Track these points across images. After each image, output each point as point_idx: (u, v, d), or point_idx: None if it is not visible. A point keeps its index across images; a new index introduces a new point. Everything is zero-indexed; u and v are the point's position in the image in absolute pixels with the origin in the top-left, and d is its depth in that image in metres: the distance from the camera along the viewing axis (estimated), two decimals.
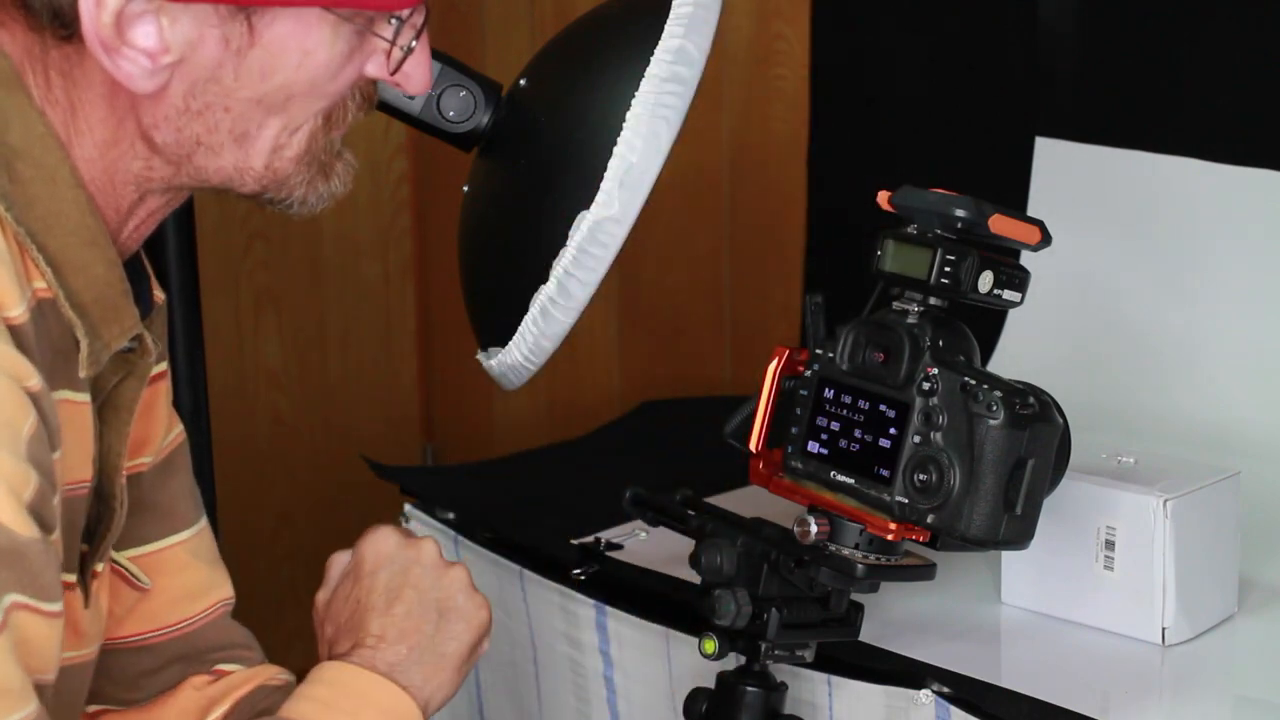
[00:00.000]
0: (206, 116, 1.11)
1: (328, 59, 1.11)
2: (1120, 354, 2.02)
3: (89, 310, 1.10)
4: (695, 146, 2.48)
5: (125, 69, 1.07)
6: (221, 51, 1.08)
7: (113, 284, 1.12)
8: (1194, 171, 1.96)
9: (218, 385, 1.92)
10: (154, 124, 1.11)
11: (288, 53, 1.10)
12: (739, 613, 1.30)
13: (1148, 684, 1.49)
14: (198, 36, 1.07)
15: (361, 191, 2.91)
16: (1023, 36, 2.11)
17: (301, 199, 1.18)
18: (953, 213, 1.26)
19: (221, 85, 1.10)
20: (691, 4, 1.32)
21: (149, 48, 1.06)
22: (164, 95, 1.09)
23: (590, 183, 1.30)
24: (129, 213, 1.15)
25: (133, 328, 1.13)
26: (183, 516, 1.31)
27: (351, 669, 1.20)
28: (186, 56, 1.08)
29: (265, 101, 1.11)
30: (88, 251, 1.10)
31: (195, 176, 1.14)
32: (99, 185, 1.12)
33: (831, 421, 1.31)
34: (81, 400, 1.11)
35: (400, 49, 1.14)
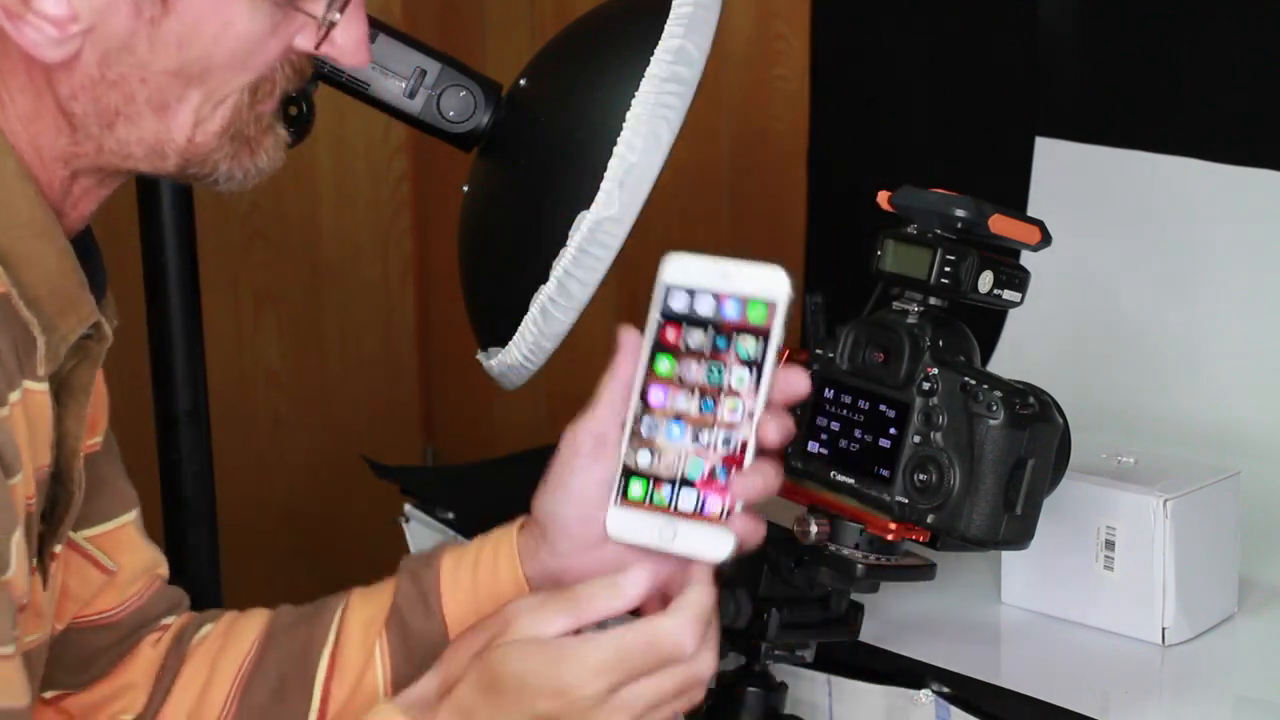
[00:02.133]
0: (122, 86, 1.08)
1: (247, 30, 1.09)
2: (1120, 354, 2.02)
3: (43, 304, 1.09)
4: (695, 146, 2.48)
5: (30, 36, 1.05)
6: (134, 21, 1.06)
7: (66, 274, 1.10)
8: (1194, 171, 1.96)
9: (218, 385, 1.92)
10: (71, 94, 1.09)
11: (204, 23, 1.07)
12: (739, 613, 1.30)
13: (1148, 684, 1.49)
14: (107, 4, 1.05)
15: (361, 191, 2.91)
16: (1023, 36, 2.11)
17: (227, 174, 1.14)
18: (953, 213, 1.26)
19: (136, 55, 1.07)
20: (691, 4, 1.32)
21: (56, 15, 1.04)
22: (76, 64, 1.07)
23: (590, 183, 1.30)
24: (64, 192, 1.13)
25: (89, 316, 1.12)
26: (129, 494, 1.31)
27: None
28: (96, 25, 1.06)
29: (184, 73, 1.09)
30: (38, 244, 1.09)
31: (118, 151, 1.11)
32: (30, 162, 1.10)
33: (831, 421, 1.31)
34: (40, 389, 1.10)
35: (327, 22, 1.11)
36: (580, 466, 1.20)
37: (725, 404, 1.15)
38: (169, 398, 1.80)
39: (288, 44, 1.12)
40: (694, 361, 1.16)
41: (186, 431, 1.81)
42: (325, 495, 2.88)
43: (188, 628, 1.34)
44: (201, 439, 1.82)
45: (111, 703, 1.32)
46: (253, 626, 1.33)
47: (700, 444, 1.15)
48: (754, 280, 1.15)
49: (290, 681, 1.29)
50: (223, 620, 1.35)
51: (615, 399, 1.18)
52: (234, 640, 1.33)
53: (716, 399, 1.15)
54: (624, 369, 1.18)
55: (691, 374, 1.16)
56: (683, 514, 1.15)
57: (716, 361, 1.15)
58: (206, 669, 1.32)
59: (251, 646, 1.31)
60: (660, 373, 1.17)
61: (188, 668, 1.33)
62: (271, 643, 1.31)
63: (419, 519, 1.87)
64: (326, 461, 2.89)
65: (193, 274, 1.80)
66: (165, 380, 1.80)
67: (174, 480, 1.83)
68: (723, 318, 1.15)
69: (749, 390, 1.14)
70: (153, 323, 1.79)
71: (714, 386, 1.15)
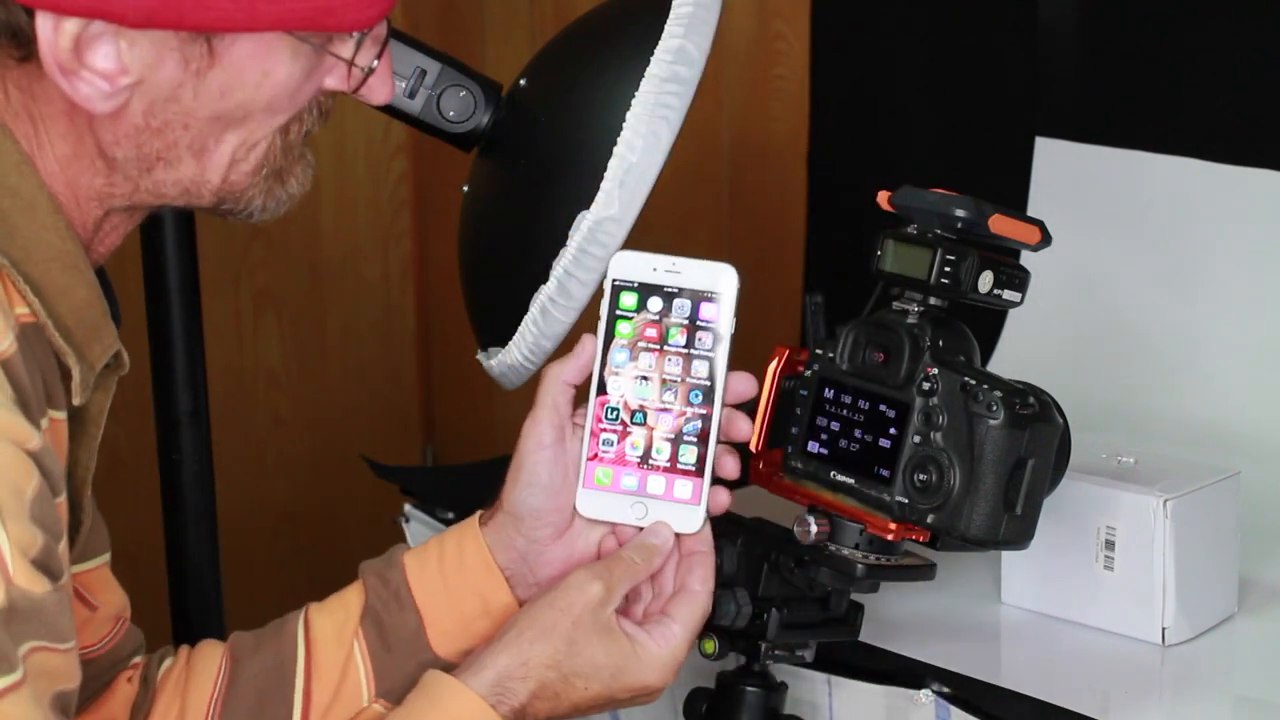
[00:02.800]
0: (165, 134, 1.11)
1: (287, 77, 1.11)
2: (1120, 354, 2.02)
3: (73, 334, 1.10)
4: (695, 146, 2.48)
5: (83, 91, 1.07)
6: (181, 73, 1.08)
7: (93, 304, 1.12)
8: (1194, 171, 1.96)
9: (218, 385, 1.92)
10: (114, 141, 1.11)
11: (247, 73, 1.10)
12: (739, 613, 1.30)
13: (1148, 684, 1.49)
14: (156, 59, 1.07)
15: (361, 191, 2.91)
16: (1023, 36, 2.11)
17: (261, 207, 1.18)
18: (953, 213, 1.26)
19: (181, 104, 1.10)
20: (691, 4, 1.32)
21: (107, 70, 1.06)
22: (123, 114, 1.09)
23: (590, 183, 1.30)
24: (95, 229, 1.15)
25: (112, 345, 1.14)
26: (105, 534, 1.32)
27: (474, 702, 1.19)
28: (145, 78, 1.08)
29: (224, 118, 1.11)
30: (69, 276, 1.11)
31: (154, 191, 1.14)
32: (64, 201, 1.12)
33: (831, 421, 1.31)
34: (61, 418, 1.12)
35: (360, 68, 1.15)
36: (546, 459, 1.27)
37: (685, 391, 1.24)
38: (169, 398, 1.80)
39: (319, 87, 1.15)
40: (650, 353, 1.25)
41: (186, 431, 1.81)
42: (325, 495, 2.88)
43: (150, 664, 1.37)
44: (201, 439, 1.82)
45: None
46: (213, 655, 1.35)
47: (663, 429, 1.24)
48: (702, 274, 1.24)
49: (268, 695, 1.32)
50: (180, 654, 1.37)
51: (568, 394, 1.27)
52: (198, 670, 1.34)
53: (676, 387, 1.24)
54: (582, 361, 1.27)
55: (649, 364, 1.25)
56: (653, 496, 1.25)
57: (673, 352, 1.24)
58: (178, 701, 1.34)
59: (219, 672, 1.33)
60: (617, 364, 1.25)
61: (160, 701, 1.35)
62: (239, 665, 1.33)
63: (419, 519, 1.87)
64: (326, 461, 2.89)
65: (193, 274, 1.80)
66: (165, 380, 1.80)
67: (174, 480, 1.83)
68: (674, 310, 1.24)
69: (707, 377, 1.24)
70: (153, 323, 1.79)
71: (672, 375, 1.24)
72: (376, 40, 1.15)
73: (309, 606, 1.35)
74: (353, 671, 1.30)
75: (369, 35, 1.14)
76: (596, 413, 1.26)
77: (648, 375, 1.25)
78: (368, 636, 1.31)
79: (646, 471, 1.25)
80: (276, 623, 1.35)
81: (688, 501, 1.24)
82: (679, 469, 1.25)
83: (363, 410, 2.95)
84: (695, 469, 1.25)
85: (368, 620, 1.31)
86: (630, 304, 1.25)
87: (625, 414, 1.25)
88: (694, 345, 1.24)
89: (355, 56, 1.14)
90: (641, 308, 1.25)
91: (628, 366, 1.25)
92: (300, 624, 1.33)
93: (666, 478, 1.25)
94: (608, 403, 1.26)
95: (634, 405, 1.25)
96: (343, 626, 1.31)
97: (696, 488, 1.24)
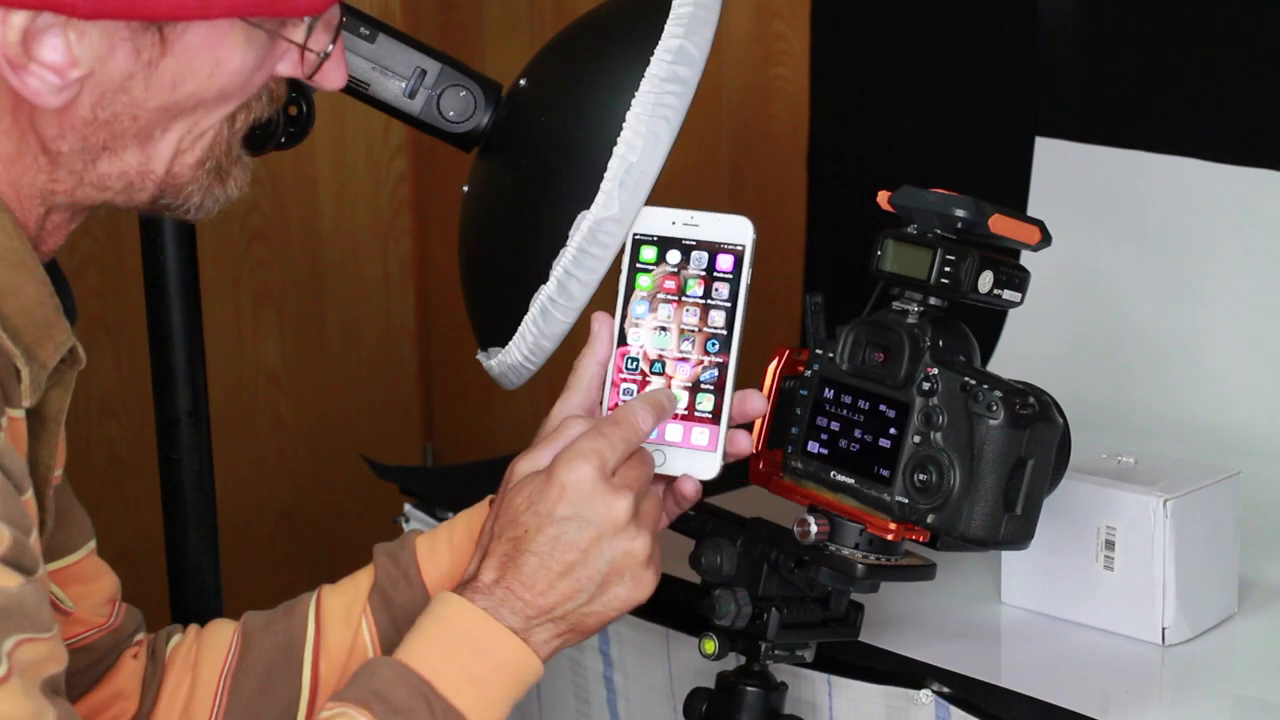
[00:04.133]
0: (113, 125, 1.09)
1: (240, 65, 1.10)
2: (1120, 354, 2.02)
3: (23, 334, 1.09)
4: (695, 146, 2.48)
5: (32, 86, 1.05)
6: (132, 63, 1.07)
7: (44, 302, 1.11)
8: (1194, 171, 1.96)
9: (218, 385, 1.92)
10: (59, 135, 1.09)
11: (199, 62, 1.08)
12: (739, 613, 1.30)
13: (1148, 684, 1.49)
14: (107, 50, 1.05)
15: (361, 191, 2.91)
16: (1023, 36, 2.11)
17: (198, 204, 1.16)
18: (953, 213, 1.26)
19: (130, 95, 1.08)
20: (691, 4, 1.32)
21: (56, 63, 1.04)
22: (71, 108, 1.07)
23: (590, 183, 1.30)
24: (38, 227, 1.14)
25: (65, 342, 1.12)
26: (87, 522, 1.32)
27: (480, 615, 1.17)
28: (95, 70, 1.06)
29: (173, 108, 1.10)
30: (16, 275, 1.09)
31: (97, 184, 1.12)
32: (8, 200, 1.11)
33: (831, 421, 1.31)
34: (18, 416, 1.10)
35: (315, 53, 1.13)
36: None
37: (702, 340, 1.27)
38: (169, 398, 1.80)
39: (271, 72, 1.13)
40: (669, 304, 1.27)
41: (186, 431, 1.81)
42: (325, 495, 2.88)
43: (158, 640, 1.37)
44: (201, 439, 1.81)
45: (103, 711, 1.33)
46: (225, 631, 1.36)
47: (681, 378, 1.27)
48: (719, 227, 1.28)
49: (277, 672, 1.32)
50: (190, 629, 1.38)
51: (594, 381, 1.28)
52: (209, 645, 1.35)
53: (693, 337, 1.27)
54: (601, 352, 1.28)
55: (667, 315, 1.27)
56: (671, 443, 1.26)
57: (690, 302, 1.27)
58: (189, 674, 1.35)
59: (230, 648, 1.34)
60: (637, 316, 1.28)
61: (170, 675, 1.35)
62: (249, 642, 1.34)
63: (419, 519, 1.87)
64: (326, 461, 2.89)
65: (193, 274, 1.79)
66: (165, 380, 1.80)
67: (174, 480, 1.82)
68: (692, 262, 1.27)
69: (723, 326, 1.26)
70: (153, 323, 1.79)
71: (689, 325, 1.27)
72: (329, 25, 1.13)
73: (322, 587, 1.35)
74: (360, 649, 1.31)
75: (321, 20, 1.12)
76: (617, 363, 1.28)
77: (666, 326, 1.27)
78: (376, 615, 1.31)
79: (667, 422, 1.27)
80: (289, 602, 1.35)
81: (705, 448, 1.26)
82: (696, 417, 1.27)
83: (363, 410, 2.95)
84: (712, 416, 1.26)
85: (376, 598, 1.32)
86: (650, 257, 1.28)
87: (645, 364, 1.28)
88: (711, 296, 1.27)
89: (308, 41, 1.12)
90: (660, 260, 1.28)
91: (647, 318, 1.28)
92: (312, 603, 1.34)
93: (684, 425, 1.27)
94: (628, 353, 1.28)
95: (653, 355, 1.28)
96: (351, 605, 1.32)
97: (713, 435, 1.26)
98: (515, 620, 1.18)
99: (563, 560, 1.19)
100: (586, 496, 1.19)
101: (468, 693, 1.15)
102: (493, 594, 1.19)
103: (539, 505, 1.20)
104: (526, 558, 1.19)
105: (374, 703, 1.14)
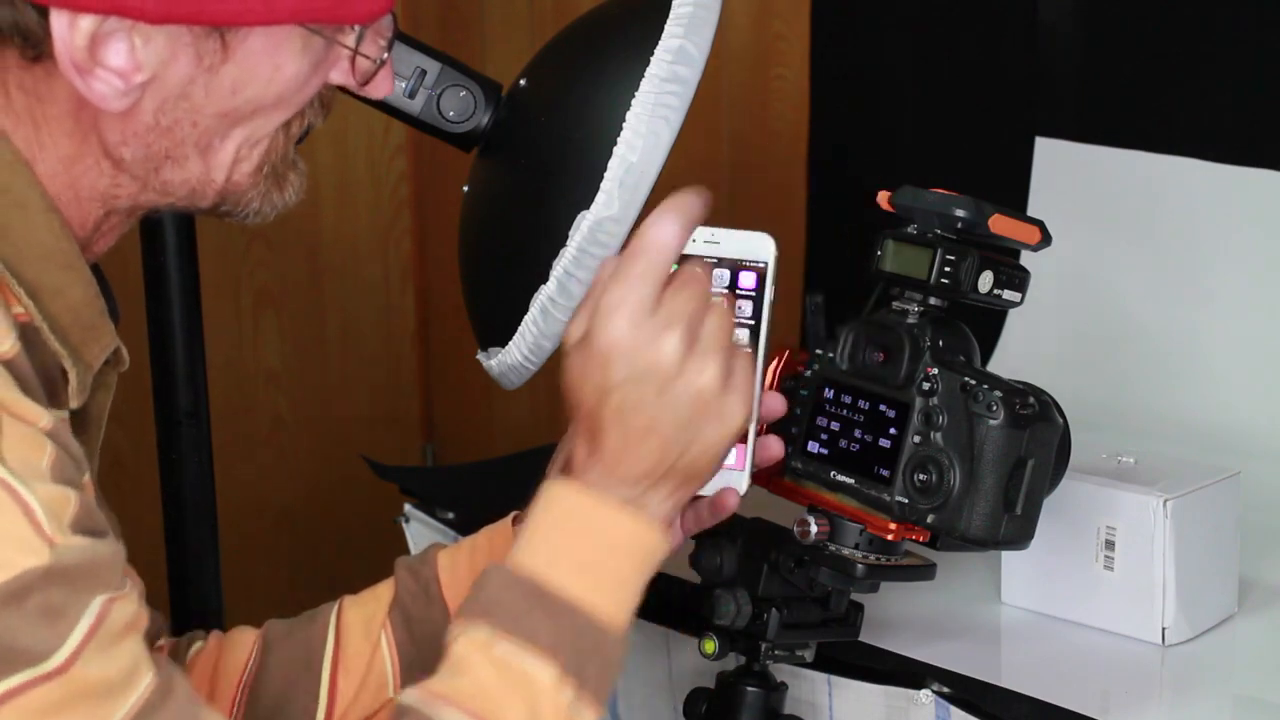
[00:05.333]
0: (174, 132, 1.10)
1: (296, 72, 1.10)
2: (1120, 354, 2.02)
3: (69, 335, 1.09)
4: (695, 146, 2.48)
5: (98, 89, 1.06)
6: (194, 69, 1.07)
7: (90, 303, 1.11)
8: (1194, 171, 1.96)
9: (218, 385, 1.92)
10: (121, 140, 1.10)
11: (259, 68, 1.09)
12: (739, 613, 1.30)
13: (1148, 684, 1.49)
14: (170, 55, 1.06)
15: (361, 191, 2.91)
16: (1023, 36, 2.11)
17: (257, 210, 1.17)
18: (953, 213, 1.26)
19: (191, 101, 1.09)
20: (691, 4, 1.32)
21: (121, 67, 1.05)
22: (134, 113, 1.08)
23: (590, 183, 1.30)
24: (95, 229, 1.14)
25: (110, 344, 1.13)
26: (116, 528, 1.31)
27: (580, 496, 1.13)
28: (159, 75, 1.07)
29: (232, 115, 1.11)
30: (64, 275, 1.09)
31: (160, 190, 1.13)
32: (64, 202, 1.11)
33: (831, 421, 1.31)
34: (64, 418, 1.10)
35: (369, 59, 1.14)
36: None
37: None
38: (169, 398, 1.80)
39: (324, 79, 1.14)
40: None
41: (187, 431, 1.81)
42: (325, 495, 2.88)
43: (179, 646, 1.37)
44: (201, 439, 1.82)
45: None
46: (246, 640, 1.35)
47: None
48: (741, 244, 1.24)
49: (295, 684, 1.32)
50: (212, 636, 1.38)
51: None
52: (230, 653, 1.35)
53: None
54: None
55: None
56: None
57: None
58: (208, 681, 1.34)
59: (250, 656, 1.34)
60: None
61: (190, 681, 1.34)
62: (269, 651, 1.33)
63: (419, 519, 1.87)
64: (326, 461, 2.89)
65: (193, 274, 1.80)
66: (165, 380, 1.80)
67: (174, 480, 1.82)
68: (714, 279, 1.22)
69: (748, 344, 1.22)
70: (153, 323, 1.79)
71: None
72: (378, 33, 1.15)
73: (344, 598, 1.35)
74: (379, 663, 1.31)
75: (371, 28, 1.13)
76: None
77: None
78: (395, 629, 1.31)
79: None
80: (311, 612, 1.35)
81: (733, 467, 1.23)
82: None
83: (363, 410, 2.95)
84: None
85: (396, 613, 1.31)
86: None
87: None
88: (735, 314, 1.22)
89: (359, 49, 1.14)
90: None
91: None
92: (333, 615, 1.33)
93: None
94: None
95: None
96: (371, 619, 1.32)
97: (740, 453, 1.23)
98: (623, 490, 1.13)
99: (637, 425, 1.12)
100: (629, 352, 1.11)
101: (581, 582, 1.11)
102: (590, 470, 1.13)
103: (593, 378, 1.13)
104: (606, 432, 1.13)
105: (492, 611, 1.10)
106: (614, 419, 1.12)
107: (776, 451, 1.25)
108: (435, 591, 1.30)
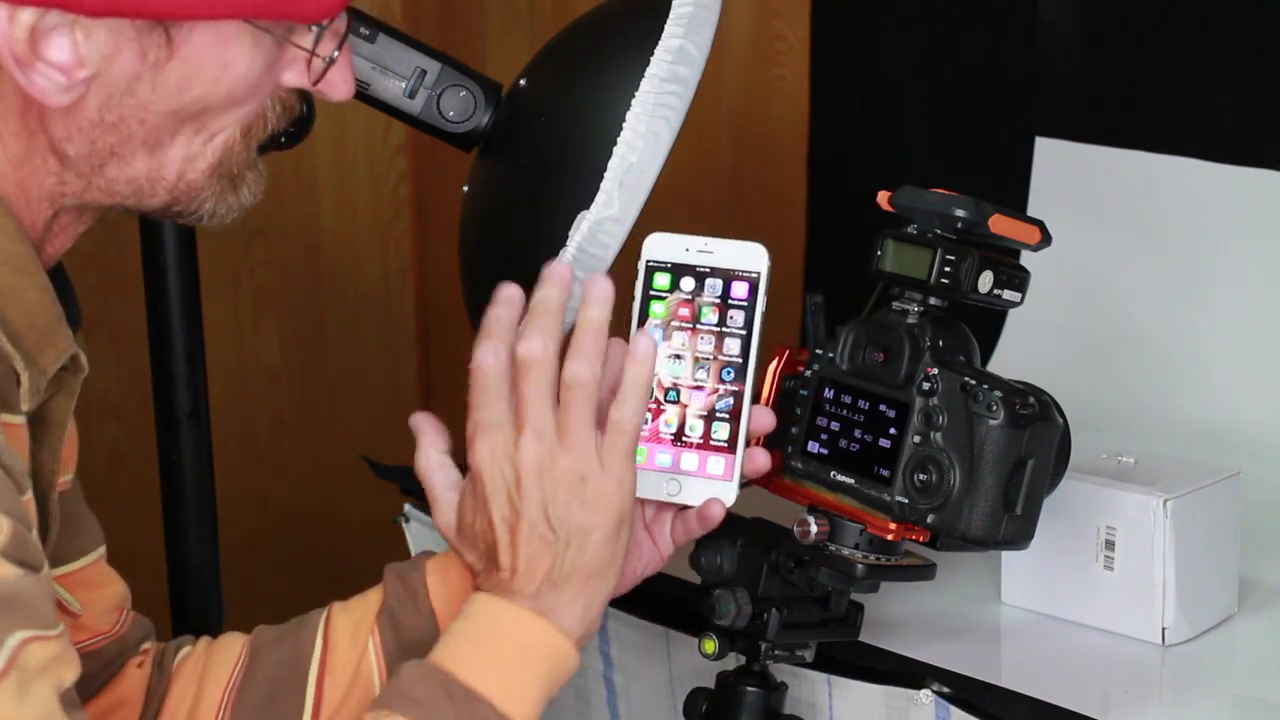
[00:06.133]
0: (120, 129, 1.09)
1: (246, 70, 1.10)
2: (1120, 354, 2.02)
3: (23, 338, 1.08)
4: (695, 146, 2.48)
5: (39, 84, 1.05)
6: (138, 64, 1.06)
7: (46, 308, 1.10)
8: (1194, 171, 1.96)
9: (218, 385, 1.92)
10: (66, 137, 1.09)
11: (206, 65, 1.08)
12: (739, 613, 1.30)
13: (1148, 684, 1.49)
14: (114, 50, 1.05)
15: (361, 191, 2.91)
16: (1023, 36, 2.11)
17: (211, 211, 1.16)
18: (953, 213, 1.26)
19: (137, 98, 1.08)
20: (691, 4, 1.32)
21: (63, 62, 1.04)
22: (78, 108, 1.07)
23: (590, 183, 1.30)
24: (45, 230, 1.13)
25: (67, 349, 1.12)
26: (97, 529, 1.31)
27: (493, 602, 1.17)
28: (102, 70, 1.06)
29: (180, 113, 1.09)
30: (19, 279, 1.09)
31: (106, 189, 1.12)
32: (15, 203, 1.10)
33: (831, 421, 1.31)
34: (18, 422, 1.10)
35: (321, 58, 1.13)
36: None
37: (717, 369, 1.25)
38: (169, 398, 1.80)
39: (277, 81, 1.13)
40: (683, 332, 1.26)
41: (187, 431, 1.81)
42: (325, 495, 2.88)
43: (166, 650, 1.37)
44: (201, 439, 1.82)
45: (106, 718, 1.32)
46: (234, 645, 1.35)
47: (696, 407, 1.25)
48: (734, 253, 1.26)
49: (281, 689, 1.31)
50: (201, 641, 1.37)
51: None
52: (218, 658, 1.35)
53: (708, 365, 1.25)
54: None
55: (682, 343, 1.26)
56: (686, 472, 1.25)
57: (705, 330, 1.25)
58: (194, 686, 1.34)
59: (238, 661, 1.33)
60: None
61: (176, 686, 1.35)
62: (257, 657, 1.33)
63: (419, 519, 1.87)
64: (326, 461, 2.89)
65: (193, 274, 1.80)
66: (165, 380, 1.80)
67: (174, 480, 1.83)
68: (706, 289, 1.26)
69: (739, 354, 1.24)
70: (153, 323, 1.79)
71: (704, 353, 1.25)
72: (336, 34, 1.13)
73: (333, 604, 1.35)
74: (366, 670, 1.30)
75: (329, 29, 1.12)
76: None
77: (681, 354, 1.26)
78: (383, 637, 1.30)
79: (680, 449, 1.26)
80: (300, 618, 1.35)
81: (720, 478, 1.25)
82: (712, 445, 1.25)
83: (363, 410, 2.94)
84: (728, 445, 1.25)
85: (384, 620, 1.31)
86: (664, 284, 1.27)
87: (659, 392, 1.26)
88: (726, 323, 1.25)
89: (315, 49, 1.12)
90: (674, 287, 1.27)
91: (661, 346, 1.26)
92: (321, 621, 1.33)
93: (700, 455, 1.25)
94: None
95: (667, 383, 1.26)
96: (359, 625, 1.31)
97: (729, 463, 1.25)
98: (523, 598, 1.17)
99: (510, 524, 1.17)
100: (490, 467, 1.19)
101: (489, 677, 1.14)
102: (495, 579, 1.18)
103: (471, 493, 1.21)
104: (495, 540, 1.18)
105: (395, 701, 1.13)
106: (490, 525, 1.18)
107: (763, 464, 1.27)
108: (424, 600, 1.30)
